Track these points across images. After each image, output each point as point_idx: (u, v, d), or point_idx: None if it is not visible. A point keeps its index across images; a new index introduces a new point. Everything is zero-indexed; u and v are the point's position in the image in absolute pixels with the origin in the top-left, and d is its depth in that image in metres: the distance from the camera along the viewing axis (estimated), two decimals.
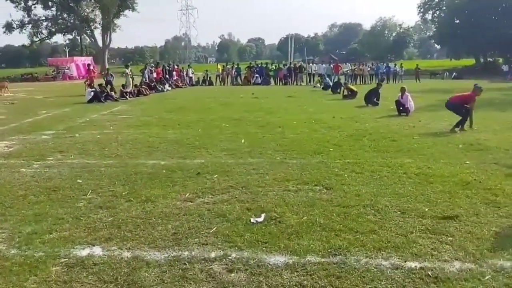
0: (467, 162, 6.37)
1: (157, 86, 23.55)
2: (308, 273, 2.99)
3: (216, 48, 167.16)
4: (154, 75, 26.06)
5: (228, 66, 33.21)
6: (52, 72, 53.62)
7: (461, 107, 9.37)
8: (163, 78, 26.46)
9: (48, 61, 60.97)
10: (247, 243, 3.49)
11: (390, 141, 8.13)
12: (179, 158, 6.79)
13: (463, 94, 9.82)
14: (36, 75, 53.39)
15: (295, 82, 32.11)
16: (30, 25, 58.95)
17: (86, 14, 61.30)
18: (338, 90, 20.63)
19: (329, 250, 3.34)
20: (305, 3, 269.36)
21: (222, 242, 3.52)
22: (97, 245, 3.49)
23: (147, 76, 24.99)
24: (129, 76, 23.44)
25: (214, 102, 16.68)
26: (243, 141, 8.22)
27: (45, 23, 60.91)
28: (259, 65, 33.70)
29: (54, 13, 60.75)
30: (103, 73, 26.93)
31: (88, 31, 63.33)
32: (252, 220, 3.97)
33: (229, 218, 4.05)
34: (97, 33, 62.98)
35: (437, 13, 61.09)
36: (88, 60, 57.05)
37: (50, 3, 59.16)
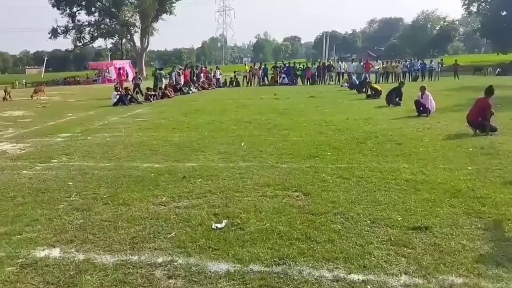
0: (469, 167, 6.08)
1: (183, 88, 23.98)
2: (244, 282, 2.98)
3: (252, 48, 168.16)
4: (182, 77, 26.57)
5: (255, 67, 33.30)
6: (95, 75, 55.94)
7: (484, 122, 8.77)
8: (190, 80, 26.94)
9: (89, 65, 63.51)
10: (198, 249, 3.52)
11: (395, 144, 7.89)
12: (173, 161, 6.90)
13: (478, 107, 9.11)
14: (78, 78, 55.76)
15: (323, 82, 31.80)
16: (73, 31, 61.76)
17: (126, 19, 63.34)
18: (364, 90, 20.22)
19: (275, 259, 3.30)
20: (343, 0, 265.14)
21: (174, 247, 3.56)
22: (57, 246, 3.63)
23: (174, 79, 25.55)
24: (163, 78, 24.05)
25: (232, 104, 16.80)
26: (243, 144, 8.25)
27: (87, 28, 63.63)
28: (286, 65, 33.51)
29: (97, 18, 63.34)
30: (140, 75, 27.68)
31: (127, 35, 65.39)
32: (213, 226, 3.98)
33: (192, 223, 4.09)
34: (136, 37, 64.99)
35: (483, 5, 58.63)
36: (126, 63, 59.08)
37: (93, 9, 61.67)
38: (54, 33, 58.65)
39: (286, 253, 3.40)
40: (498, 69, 37.64)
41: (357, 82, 23.15)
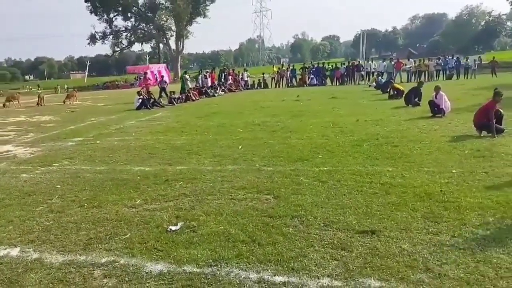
0: (454, 170, 5.95)
1: (208, 91, 24.43)
2: (171, 283, 3.15)
3: (290, 49, 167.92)
4: (209, 80, 27.08)
5: (283, 68, 33.30)
6: (134, 79, 57.90)
7: (488, 123, 8.46)
8: (217, 83, 27.38)
9: (127, 69, 65.82)
10: (144, 250, 3.72)
11: (391, 147, 7.78)
12: (166, 164, 7.17)
13: (483, 108, 8.81)
14: (117, 82, 57.82)
15: (353, 81, 31.36)
16: (111, 36, 64.22)
17: (162, 23, 65.09)
18: (387, 90, 19.80)
19: (209, 261, 3.44)
20: None
21: (123, 248, 3.78)
22: (18, 246, 3.95)
23: (201, 82, 26.09)
24: (188, 81, 24.66)
25: (250, 107, 16.98)
26: (240, 147, 8.41)
27: (124, 34, 65.94)
28: (315, 65, 33.30)
29: (133, 23, 65.50)
30: (176, 79, 28.42)
31: (163, 40, 67.18)
32: (168, 228, 4.17)
33: (151, 225, 4.30)
34: (172, 41, 66.68)
35: None
36: (163, 67, 60.74)
37: (129, 14, 63.79)
38: (92, 39, 61.16)
39: (223, 255, 3.54)
40: None
41: (383, 82, 22.67)
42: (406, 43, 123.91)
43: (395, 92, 17.73)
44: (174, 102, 19.82)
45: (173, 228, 4.16)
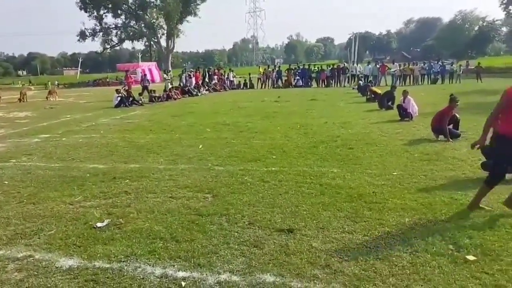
0: (395, 173, 6.11)
1: (191, 90, 24.50)
2: (76, 277, 3.25)
3: (284, 49, 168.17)
4: (193, 80, 27.14)
5: (269, 69, 33.45)
6: (122, 77, 57.59)
7: (442, 128, 8.65)
8: (201, 82, 27.45)
9: (117, 66, 65.52)
10: (63, 246, 3.82)
11: (346, 149, 7.93)
12: (121, 162, 7.26)
13: (438, 113, 8.99)
14: (107, 80, 57.50)
15: (338, 84, 31.57)
16: (101, 33, 63.91)
17: (153, 21, 64.88)
18: (366, 93, 20.01)
19: (120, 257, 3.55)
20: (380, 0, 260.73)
21: (44, 244, 3.88)
22: None
23: (184, 81, 26.15)
24: (168, 81, 24.74)
25: (228, 107, 17.09)
26: (200, 146, 8.52)
27: (114, 31, 65.63)
28: (301, 67, 33.48)
29: (123, 21, 65.21)
30: (148, 78, 28.40)
31: (154, 38, 66.97)
32: (95, 225, 4.27)
33: (79, 222, 4.40)
34: (163, 39, 66.46)
35: None
36: (153, 65, 60.60)
37: (119, 12, 63.47)
38: (82, 35, 60.78)
39: (136, 252, 3.65)
40: None
41: (363, 85, 22.89)
42: (400, 47, 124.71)
43: (372, 96, 17.93)
44: (154, 101, 19.86)
45: (100, 224, 4.26)
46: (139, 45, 78.77)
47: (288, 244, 3.78)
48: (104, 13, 60.90)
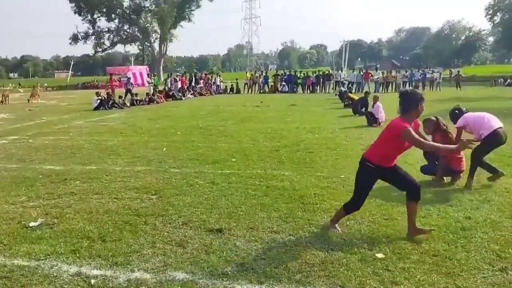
0: (342, 176, 6.23)
1: (175, 94, 24.56)
2: None
3: (277, 56, 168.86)
4: (179, 84, 27.22)
5: (256, 74, 33.64)
6: (130, 81, 57.36)
7: None
8: (187, 87, 27.53)
9: (107, 70, 65.43)
10: None
11: (306, 153, 8.04)
12: (79, 164, 7.30)
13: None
14: (97, 83, 57.30)
15: (324, 90, 31.80)
16: (93, 37, 63.87)
17: (147, 25, 64.91)
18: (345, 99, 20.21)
19: (41, 256, 3.61)
20: (372, 8, 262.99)
21: None
22: None
23: (169, 85, 26.21)
24: (151, 85, 24.80)
25: (208, 110, 17.20)
26: (164, 149, 8.59)
27: (107, 35, 65.61)
28: (287, 73, 33.73)
29: (117, 25, 65.19)
30: (132, 82, 28.44)
31: (146, 42, 67.01)
32: (28, 224, 4.33)
33: (14, 221, 4.45)
34: (157, 44, 66.49)
35: (507, 16, 57.66)
36: (144, 69, 60.48)
37: (113, 16, 63.47)
38: (74, 39, 60.80)
39: (59, 250, 3.70)
40: (509, 80, 36.58)
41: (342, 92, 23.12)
42: (390, 55, 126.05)
43: (350, 102, 18.12)
44: (136, 104, 19.90)
45: (32, 224, 4.31)
46: (134, 49, 78.43)
47: (212, 243, 3.86)
48: (98, 17, 61.02)
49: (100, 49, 68.39)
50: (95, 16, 61.87)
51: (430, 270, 3.29)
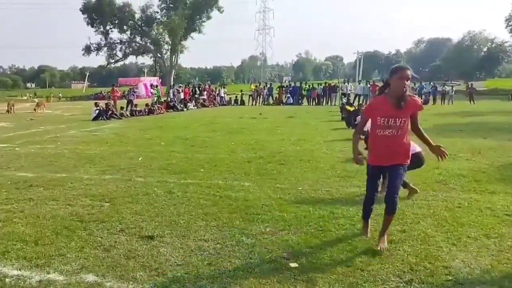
0: (300, 187, 6.28)
1: (177, 106, 24.93)
2: None
3: (292, 67, 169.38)
4: (182, 95, 27.63)
5: (260, 86, 33.92)
6: (128, 91, 58.49)
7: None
8: (190, 98, 27.91)
9: (119, 81, 66.67)
10: None
11: (277, 165, 8.08)
12: (52, 172, 7.52)
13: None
14: (102, 94, 58.45)
15: (330, 102, 31.84)
16: (106, 48, 65.13)
17: (159, 37, 65.98)
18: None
19: None
20: (390, 18, 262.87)
21: None
22: None
23: (172, 96, 26.63)
24: (155, 95, 25.23)
25: (203, 122, 17.44)
26: (140, 158, 8.79)
27: (119, 46, 66.82)
28: (292, 85, 33.92)
29: (129, 36, 66.39)
30: (133, 92, 28.97)
31: (158, 53, 68.06)
32: None
33: None
34: (168, 55, 67.41)
35: None
36: (155, 80, 61.50)
37: (125, 27, 64.72)
38: (87, 50, 62.06)
39: None
40: None
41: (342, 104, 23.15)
42: (409, 67, 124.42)
43: (346, 114, 18.15)
44: (135, 115, 20.28)
45: None
46: (148, 60, 79.62)
47: (137, 249, 3.98)
48: (110, 28, 62.18)
49: (113, 60, 69.63)
50: (108, 27, 63.16)
51: (336, 280, 3.35)
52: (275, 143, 11.10)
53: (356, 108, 15.55)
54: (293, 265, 3.61)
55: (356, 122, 14.76)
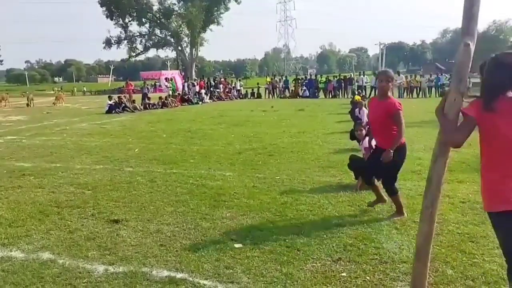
0: (278, 177, 6.43)
1: (191, 99, 25.29)
2: None
3: (316, 59, 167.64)
4: (197, 88, 27.98)
5: (276, 79, 33.92)
6: (146, 85, 59.37)
7: None
8: (205, 91, 28.24)
9: (141, 74, 67.69)
10: None
11: (266, 156, 8.22)
12: (48, 162, 7.91)
13: None
14: (123, 87, 59.31)
15: (346, 94, 31.59)
16: (126, 41, 65.87)
17: (179, 29, 66.36)
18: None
19: None
20: (416, 8, 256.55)
21: None
22: None
23: (186, 89, 27.01)
24: (170, 89, 25.66)
25: (212, 115, 17.68)
26: (136, 150, 9.11)
27: (139, 39, 67.45)
28: (308, 78, 33.78)
29: (148, 29, 66.93)
30: (148, 86, 29.44)
31: (178, 46, 68.56)
32: None
33: None
34: (188, 48, 67.86)
35: None
36: (176, 73, 62.16)
37: (143, 20, 65.10)
38: (108, 43, 62.91)
39: None
40: None
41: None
42: (435, 58, 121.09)
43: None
44: (148, 108, 20.74)
45: None
46: (171, 53, 79.97)
47: (99, 231, 4.25)
48: (129, 21, 62.73)
49: (134, 54, 70.41)
50: (126, 20, 63.41)
51: (270, 259, 3.53)
52: (273, 135, 11.23)
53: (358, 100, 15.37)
54: (237, 245, 3.79)
55: (357, 115, 14.69)
